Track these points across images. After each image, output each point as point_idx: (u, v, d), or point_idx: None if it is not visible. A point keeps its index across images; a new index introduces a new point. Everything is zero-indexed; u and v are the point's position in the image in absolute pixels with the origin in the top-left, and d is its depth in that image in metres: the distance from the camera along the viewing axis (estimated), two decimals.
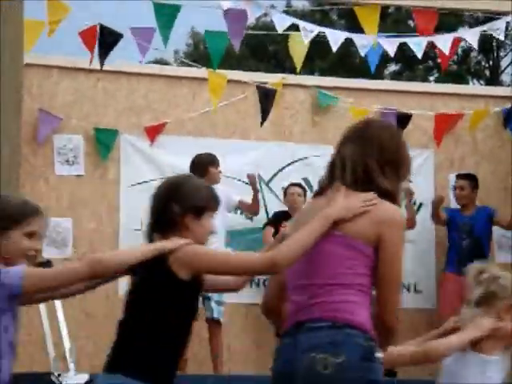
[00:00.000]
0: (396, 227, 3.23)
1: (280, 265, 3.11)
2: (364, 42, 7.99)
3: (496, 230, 8.29)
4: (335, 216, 3.12)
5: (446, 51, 8.10)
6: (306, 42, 7.89)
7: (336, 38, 8.02)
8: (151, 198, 3.44)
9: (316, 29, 8.02)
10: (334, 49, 7.96)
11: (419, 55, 8.11)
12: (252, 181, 7.76)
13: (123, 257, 3.21)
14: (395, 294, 3.19)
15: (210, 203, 3.38)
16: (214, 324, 7.36)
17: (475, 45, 8.56)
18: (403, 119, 8.43)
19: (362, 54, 8.19)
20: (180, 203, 3.30)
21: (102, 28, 7.54)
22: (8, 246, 3.23)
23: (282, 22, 7.93)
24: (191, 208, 3.30)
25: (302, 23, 8.02)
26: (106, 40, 7.51)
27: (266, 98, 8.15)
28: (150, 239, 3.32)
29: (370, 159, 3.24)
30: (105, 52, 7.53)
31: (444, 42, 8.11)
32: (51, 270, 3.23)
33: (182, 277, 3.17)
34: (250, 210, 7.87)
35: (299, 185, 8.04)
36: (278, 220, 7.78)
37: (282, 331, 3.24)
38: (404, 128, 8.41)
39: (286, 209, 7.92)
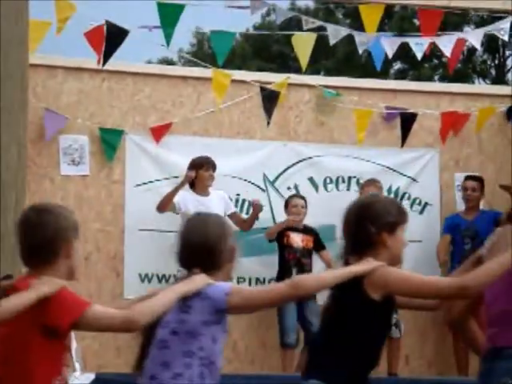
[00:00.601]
0: None
1: (471, 291, 3.25)
2: (364, 40, 8.00)
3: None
4: None
5: (448, 52, 8.09)
6: (306, 28, 7.90)
7: (336, 32, 8.04)
8: (343, 222, 3.60)
9: (317, 22, 8.07)
10: (332, 42, 7.97)
11: (419, 56, 8.10)
12: (255, 209, 7.75)
13: (324, 280, 3.38)
14: None
15: (401, 217, 3.56)
16: None
17: (478, 46, 8.55)
18: (408, 119, 8.42)
19: (360, 52, 8.22)
20: (374, 222, 3.46)
21: (108, 25, 7.54)
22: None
23: (283, 16, 8.00)
24: (385, 225, 3.47)
25: (304, 16, 8.07)
26: (112, 37, 7.51)
27: (269, 100, 8.15)
28: (346, 261, 3.49)
29: None
30: (111, 50, 7.53)
31: (447, 43, 8.10)
32: (257, 290, 3.52)
33: (375, 298, 3.35)
34: (240, 226, 7.72)
35: (301, 196, 8.00)
36: (282, 231, 7.77)
37: (482, 355, 3.40)
38: (409, 128, 8.40)
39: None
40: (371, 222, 3.45)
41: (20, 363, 3.11)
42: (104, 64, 7.57)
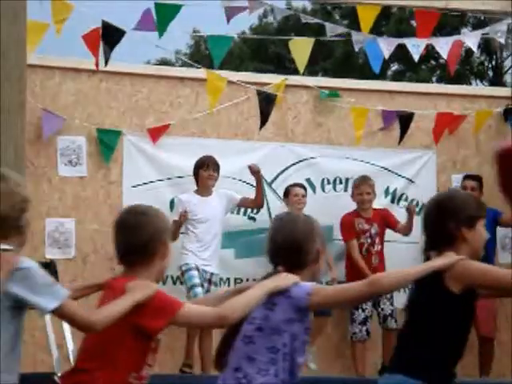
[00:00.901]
0: None
1: None
2: (360, 38, 8.04)
3: (499, 231, 8.28)
4: None
5: (445, 54, 8.12)
6: (304, 21, 7.94)
7: (333, 30, 8.10)
8: (423, 218, 3.71)
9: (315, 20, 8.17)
10: (329, 35, 8.01)
11: (416, 58, 8.12)
12: (254, 170, 7.75)
13: (402, 277, 3.43)
14: None
15: (480, 211, 3.63)
16: None
17: (475, 48, 8.58)
18: (405, 120, 8.43)
19: (356, 49, 8.26)
20: (454, 218, 3.54)
21: (105, 26, 7.54)
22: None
23: (281, 14, 8.08)
24: (465, 220, 3.54)
25: (302, 14, 8.14)
26: (108, 37, 7.51)
27: (266, 102, 8.15)
28: (427, 256, 3.60)
29: None
30: (108, 50, 7.53)
31: (443, 45, 8.12)
32: (336, 289, 3.57)
33: (456, 291, 3.44)
34: (253, 203, 7.80)
35: (302, 185, 8.02)
36: None
37: None
38: (407, 128, 8.41)
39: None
40: (450, 218, 3.53)
41: (107, 358, 3.26)
42: (105, 65, 7.58)
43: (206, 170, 7.65)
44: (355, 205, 8.07)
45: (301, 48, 8.19)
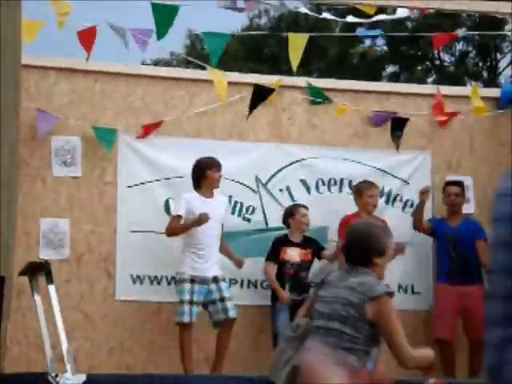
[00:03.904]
0: None
1: None
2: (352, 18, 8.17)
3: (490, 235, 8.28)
4: None
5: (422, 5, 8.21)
6: (298, 9, 8.00)
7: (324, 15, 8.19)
8: None
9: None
10: (322, 16, 8.06)
11: (397, 16, 8.18)
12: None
13: None
14: None
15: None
16: (229, 322, 7.39)
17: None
18: (399, 122, 8.43)
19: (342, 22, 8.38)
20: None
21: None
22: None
23: (278, 11, 8.16)
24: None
25: (296, 6, 8.21)
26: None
27: (259, 95, 8.11)
28: None
29: None
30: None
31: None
32: None
33: None
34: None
35: (305, 206, 7.98)
36: (278, 249, 7.81)
37: None
38: (401, 131, 8.41)
39: (283, 232, 7.94)
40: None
41: None
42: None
43: (216, 172, 7.58)
44: (350, 207, 8.02)
45: (296, 44, 8.18)
